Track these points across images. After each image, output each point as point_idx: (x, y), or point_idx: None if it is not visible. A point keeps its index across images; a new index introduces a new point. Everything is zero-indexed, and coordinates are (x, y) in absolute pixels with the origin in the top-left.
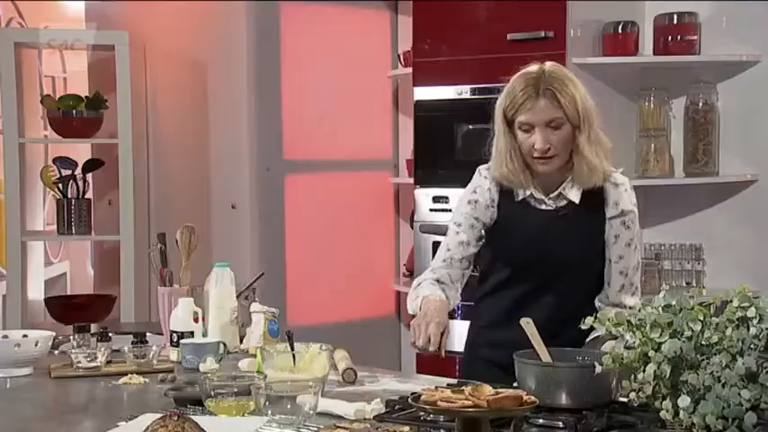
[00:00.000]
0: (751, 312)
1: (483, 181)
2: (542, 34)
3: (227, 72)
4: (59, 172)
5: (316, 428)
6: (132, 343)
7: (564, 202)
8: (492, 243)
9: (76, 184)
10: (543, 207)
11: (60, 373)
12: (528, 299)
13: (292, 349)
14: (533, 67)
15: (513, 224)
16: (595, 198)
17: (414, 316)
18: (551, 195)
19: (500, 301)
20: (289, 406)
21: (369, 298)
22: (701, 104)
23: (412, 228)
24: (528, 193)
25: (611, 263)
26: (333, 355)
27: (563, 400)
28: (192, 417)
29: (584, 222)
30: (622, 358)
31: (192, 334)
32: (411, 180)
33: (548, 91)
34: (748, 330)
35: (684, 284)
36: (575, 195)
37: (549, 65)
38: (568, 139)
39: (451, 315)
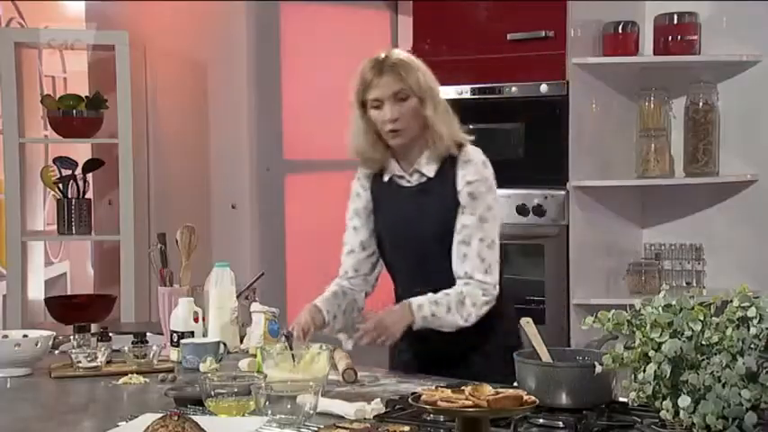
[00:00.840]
0: (751, 312)
1: (358, 173)
2: (542, 34)
3: (228, 72)
4: (59, 172)
5: (316, 428)
6: (132, 343)
7: (423, 179)
8: (375, 223)
9: (77, 184)
10: (405, 184)
11: (60, 373)
12: (410, 277)
13: (291, 350)
14: (380, 53)
15: (382, 204)
16: (449, 172)
17: None
18: (410, 172)
19: (394, 282)
20: (289, 406)
21: (369, 298)
22: (701, 104)
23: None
24: (392, 173)
25: (455, 233)
26: (333, 355)
27: (563, 399)
28: (193, 417)
29: (439, 196)
30: (622, 358)
31: (192, 334)
32: None
33: (391, 67)
34: (748, 330)
35: (684, 284)
36: (430, 170)
37: (394, 50)
38: (416, 111)
39: None
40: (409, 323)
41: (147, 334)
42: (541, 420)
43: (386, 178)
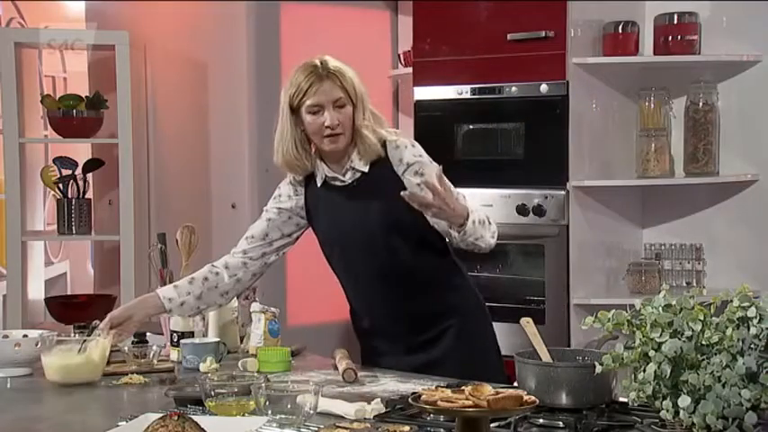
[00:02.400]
0: (751, 312)
1: (289, 176)
2: (542, 34)
3: (228, 72)
4: (60, 172)
5: (316, 428)
6: (132, 343)
7: (357, 175)
8: (315, 232)
9: (77, 184)
10: (339, 184)
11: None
12: (366, 279)
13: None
14: (313, 59)
15: (320, 210)
16: (383, 163)
17: None
18: (343, 171)
19: (349, 294)
20: (289, 406)
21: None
22: (701, 104)
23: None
24: (324, 175)
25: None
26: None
27: (563, 399)
28: (193, 417)
29: (379, 186)
30: (622, 358)
31: (192, 334)
32: None
33: (330, 74)
34: (748, 330)
35: (684, 284)
36: (363, 165)
37: (327, 57)
38: (350, 117)
39: None
40: (462, 217)
41: (147, 334)
42: (541, 420)
43: (319, 182)
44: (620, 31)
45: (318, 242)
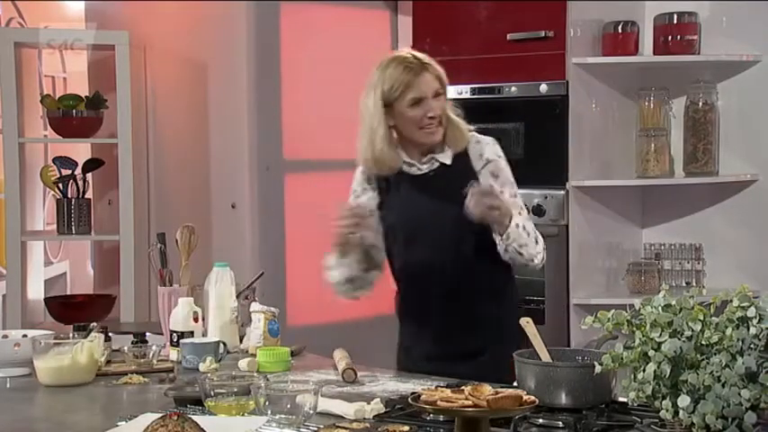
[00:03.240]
0: (751, 312)
1: (356, 175)
2: (542, 34)
3: (228, 72)
4: (59, 172)
5: (315, 428)
6: (132, 343)
7: (436, 165)
8: (381, 217)
9: (76, 184)
10: (416, 172)
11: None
12: (426, 270)
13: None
14: (400, 54)
15: (392, 197)
16: (463, 157)
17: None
18: (423, 160)
19: (402, 284)
20: (288, 406)
21: (369, 297)
22: (700, 104)
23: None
24: (402, 160)
25: None
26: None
27: (563, 399)
28: (192, 416)
29: (457, 179)
30: (622, 358)
31: (191, 334)
32: None
33: (427, 66)
34: (748, 330)
35: (684, 284)
36: (447, 158)
37: (413, 51)
38: (444, 107)
39: None
40: (509, 216)
41: (147, 334)
42: (541, 420)
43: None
44: (620, 31)
45: (383, 229)
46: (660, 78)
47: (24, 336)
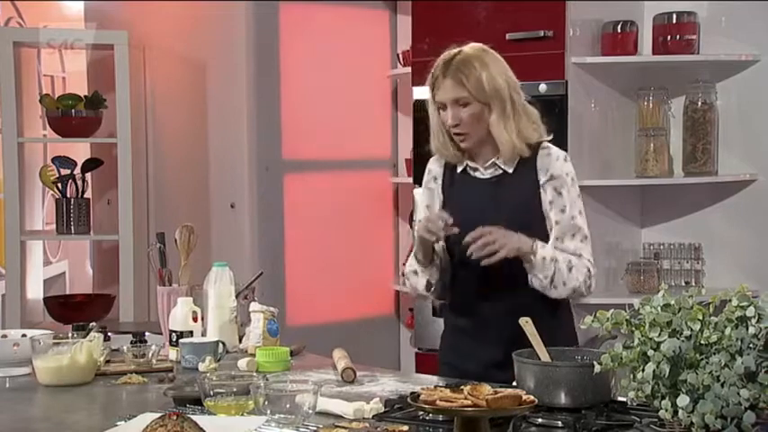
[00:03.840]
0: (750, 312)
1: (429, 163)
2: (542, 34)
3: (227, 72)
4: (58, 171)
5: (315, 428)
6: (131, 342)
7: (499, 171)
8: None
9: (75, 184)
10: (479, 176)
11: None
12: (477, 274)
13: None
14: (452, 50)
15: (452, 194)
16: (529, 167)
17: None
18: (486, 165)
19: (459, 272)
20: (288, 405)
21: (368, 297)
22: (699, 104)
23: (411, 227)
24: (465, 164)
25: (550, 231)
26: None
27: (562, 399)
28: (191, 416)
29: (516, 189)
30: (621, 358)
31: (191, 333)
32: (410, 179)
33: (453, 72)
34: (747, 330)
35: (683, 284)
36: (508, 166)
37: (468, 47)
38: (479, 116)
39: None
40: (526, 252)
41: (146, 333)
42: (540, 420)
43: (459, 169)
44: (619, 30)
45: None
46: (659, 78)
47: (23, 335)
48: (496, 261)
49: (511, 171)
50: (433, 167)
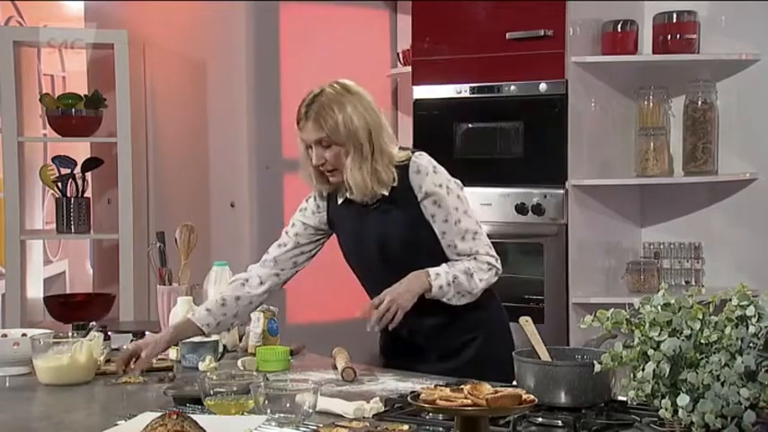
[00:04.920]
0: (750, 311)
1: (313, 193)
2: (542, 33)
3: (227, 71)
4: (58, 171)
5: (315, 427)
6: (131, 341)
7: (378, 196)
8: (339, 245)
9: (75, 183)
10: (361, 202)
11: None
12: (377, 291)
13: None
14: (315, 90)
15: (338, 225)
16: (403, 185)
17: None
18: (363, 195)
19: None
20: (288, 405)
21: (368, 297)
22: (700, 103)
23: None
24: (344, 195)
25: (440, 240)
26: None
27: (562, 398)
28: (192, 415)
29: (397, 211)
30: (621, 357)
31: None
32: None
33: (313, 114)
34: (747, 329)
35: (683, 283)
36: (383, 191)
37: (329, 87)
38: (342, 155)
39: None
40: (423, 290)
41: (146, 333)
42: (540, 419)
43: (340, 200)
44: (619, 29)
45: (342, 253)
46: (659, 77)
47: (24, 335)
48: (399, 320)
49: (387, 193)
50: (314, 194)
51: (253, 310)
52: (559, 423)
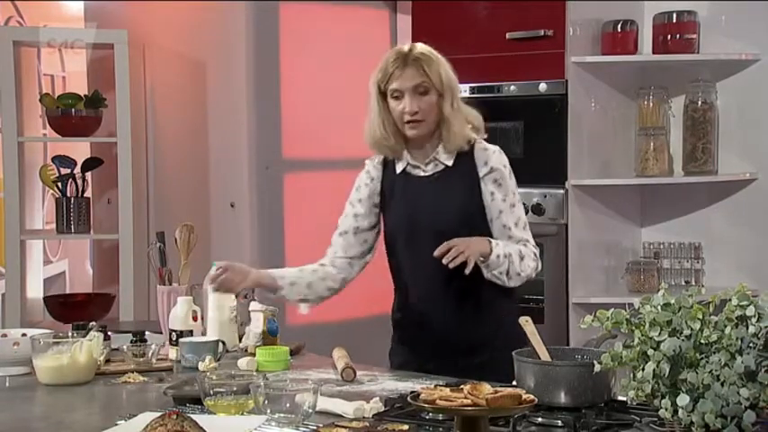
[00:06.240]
0: (750, 311)
1: (366, 164)
2: (542, 33)
3: (227, 71)
4: (58, 171)
5: (315, 427)
6: (131, 342)
7: (440, 168)
8: (384, 218)
9: (75, 183)
10: (420, 173)
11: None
12: (427, 272)
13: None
14: (403, 46)
15: (395, 196)
16: (467, 161)
17: None
18: (426, 161)
19: (400, 286)
20: (288, 405)
21: (368, 297)
22: (699, 103)
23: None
24: (405, 163)
25: (493, 220)
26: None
27: (562, 398)
28: (191, 415)
29: (458, 184)
30: (621, 357)
31: (191, 333)
32: None
33: (414, 61)
34: (747, 329)
35: (683, 283)
36: (447, 159)
37: (418, 44)
38: (434, 105)
39: None
40: (486, 252)
41: (146, 333)
42: (540, 419)
43: (399, 169)
44: (619, 29)
45: (384, 230)
46: (659, 77)
47: (23, 335)
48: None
49: (451, 164)
50: (371, 170)
51: (326, 288)
52: (559, 423)
